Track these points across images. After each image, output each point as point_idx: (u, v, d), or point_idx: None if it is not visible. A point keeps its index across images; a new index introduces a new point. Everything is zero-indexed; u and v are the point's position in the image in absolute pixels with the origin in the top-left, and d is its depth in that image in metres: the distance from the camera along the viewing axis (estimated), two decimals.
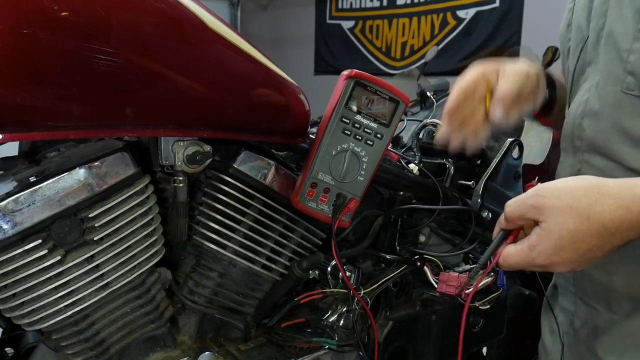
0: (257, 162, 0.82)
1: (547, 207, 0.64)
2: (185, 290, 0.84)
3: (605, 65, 0.77)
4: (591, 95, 0.80)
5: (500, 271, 1.03)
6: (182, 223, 0.79)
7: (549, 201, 0.65)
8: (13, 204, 0.63)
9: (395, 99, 0.80)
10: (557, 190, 0.65)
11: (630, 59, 0.72)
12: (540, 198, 0.65)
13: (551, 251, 0.65)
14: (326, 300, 0.94)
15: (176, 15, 0.66)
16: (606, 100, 0.77)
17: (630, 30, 0.72)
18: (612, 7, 0.75)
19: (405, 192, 0.98)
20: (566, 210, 0.63)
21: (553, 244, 0.64)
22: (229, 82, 0.72)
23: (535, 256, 0.66)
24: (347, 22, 5.70)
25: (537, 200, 0.66)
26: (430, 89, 1.66)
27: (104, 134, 0.68)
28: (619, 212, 0.62)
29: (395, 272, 0.95)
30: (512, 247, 0.69)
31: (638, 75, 0.72)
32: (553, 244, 0.64)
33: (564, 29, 0.90)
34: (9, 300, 0.67)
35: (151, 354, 0.80)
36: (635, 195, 0.62)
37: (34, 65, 0.56)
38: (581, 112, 0.81)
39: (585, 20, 0.82)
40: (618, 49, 0.74)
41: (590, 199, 0.63)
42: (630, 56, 0.72)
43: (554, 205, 0.64)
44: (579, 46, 0.84)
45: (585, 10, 0.82)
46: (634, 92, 0.72)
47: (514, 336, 1.23)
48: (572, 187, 0.65)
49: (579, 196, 0.64)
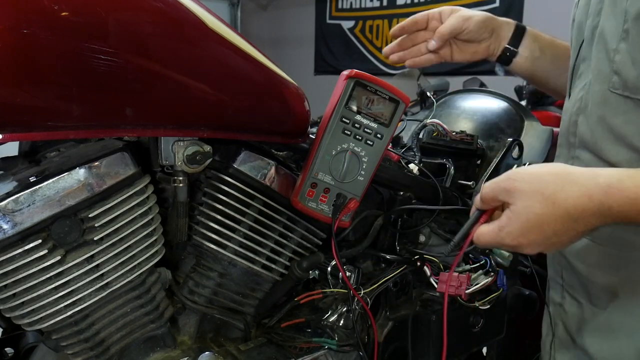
0: (257, 162, 0.82)
1: (517, 190, 0.67)
2: (185, 290, 0.84)
3: (595, 64, 0.79)
4: (585, 93, 0.82)
5: (500, 271, 1.03)
6: (182, 223, 0.79)
7: (519, 185, 0.67)
8: (13, 204, 0.63)
9: (395, 99, 0.80)
10: (528, 175, 0.68)
11: (616, 59, 0.74)
12: (512, 181, 0.68)
13: (518, 232, 0.67)
14: (326, 300, 0.94)
15: (176, 15, 0.66)
16: (595, 98, 0.79)
17: (618, 30, 0.74)
18: (605, 6, 0.77)
19: (405, 192, 0.98)
20: (534, 195, 0.66)
21: (520, 225, 0.67)
22: (228, 82, 0.72)
23: (504, 236, 0.68)
24: (347, 22, 5.70)
25: (509, 184, 0.68)
26: (430, 89, 1.67)
27: (104, 134, 0.68)
28: (582, 200, 0.65)
29: (395, 272, 0.95)
30: (485, 226, 0.71)
31: (622, 75, 0.74)
32: (520, 225, 0.67)
33: (570, 23, 0.92)
34: (9, 300, 0.67)
35: (151, 354, 0.80)
36: (598, 185, 0.65)
37: (34, 65, 0.56)
38: (577, 110, 0.84)
39: (584, 17, 0.84)
40: (607, 48, 0.76)
41: (557, 185, 0.66)
42: (616, 56, 0.74)
43: (522, 189, 0.67)
44: (578, 43, 0.86)
45: (585, 7, 0.84)
46: (618, 90, 0.75)
47: (514, 336, 1.23)
48: (542, 173, 0.68)
49: (547, 182, 0.66)
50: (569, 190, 0.65)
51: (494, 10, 4.42)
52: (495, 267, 1.04)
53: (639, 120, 0.74)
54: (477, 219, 0.73)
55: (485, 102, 1.37)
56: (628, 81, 0.73)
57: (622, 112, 0.75)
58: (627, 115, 0.75)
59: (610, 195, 0.64)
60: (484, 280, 1.00)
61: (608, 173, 0.66)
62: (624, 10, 0.72)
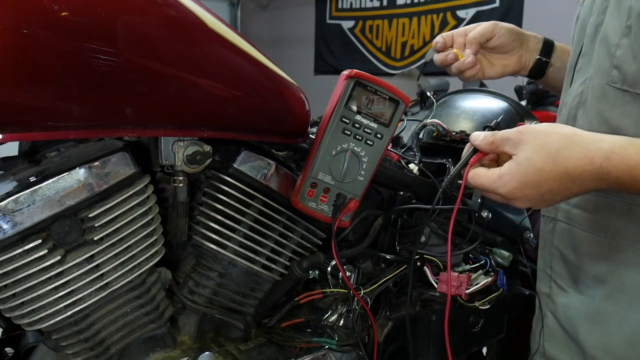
0: (257, 162, 0.82)
1: (523, 142, 0.69)
2: (185, 290, 0.84)
3: (597, 59, 0.81)
4: (585, 88, 0.84)
5: (500, 271, 1.04)
6: (182, 223, 0.79)
7: (526, 137, 0.70)
8: (13, 204, 0.63)
9: (395, 99, 0.80)
10: (536, 131, 0.70)
11: (617, 54, 0.76)
12: (521, 134, 0.70)
13: (515, 184, 0.69)
14: (326, 300, 0.94)
15: (176, 15, 0.66)
16: (595, 92, 0.81)
17: (621, 26, 0.76)
18: (611, 5, 0.79)
19: (405, 192, 0.98)
20: (537, 149, 0.68)
21: (519, 177, 0.69)
22: (229, 82, 0.72)
23: (500, 185, 0.71)
24: (347, 22, 5.70)
25: (517, 136, 0.70)
26: (430, 89, 1.67)
27: (104, 134, 0.68)
28: (583, 162, 0.67)
29: (395, 272, 0.95)
30: (483, 170, 0.74)
31: (622, 69, 0.76)
32: (519, 177, 0.69)
33: (574, 21, 0.94)
34: (9, 300, 0.67)
35: (151, 354, 0.80)
36: (600, 149, 0.67)
37: (34, 65, 0.56)
38: (576, 104, 0.86)
39: (588, 13, 0.86)
40: (609, 44, 0.78)
41: (561, 144, 0.68)
42: (618, 51, 0.76)
43: (528, 142, 0.69)
44: (580, 40, 0.88)
45: (590, 5, 0.86)
46: (617, 84, 0.77)
47: (514, 336, 1.23)
48: (550, 131, 0.70)
49: (552, 140, 0.69)
50: (571, 151, 0.67)
51: (494, 10, 4.43)
52: (495, 267, 1.04)
53: (635, 113, 0.76)
54: (471, 157, 0.76)
55: (485, 102, 1.37)
56: (627, 75, 0.75)
57: (619, 105, 0.77)
58: (624, 108, 0.77)
59: (611, 161, 0.66)
60: (484, 280, 1.00)
61: (612, 139, 0.68)
62: (629, 7, 0.75)
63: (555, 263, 0.92)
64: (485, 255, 1.06)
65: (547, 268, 0.94)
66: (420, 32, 4.99)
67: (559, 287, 0.90)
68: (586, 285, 0.85)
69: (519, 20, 4.29)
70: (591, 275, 0.84)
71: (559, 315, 0.90)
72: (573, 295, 0.87)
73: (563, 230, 0.90)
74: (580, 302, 0.85)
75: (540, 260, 0.98)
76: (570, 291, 0.88)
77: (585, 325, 0.84)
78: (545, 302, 0.94)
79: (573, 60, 0.91)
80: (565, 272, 0.89)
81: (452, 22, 4.72)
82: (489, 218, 1.09)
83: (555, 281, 0.91)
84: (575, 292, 0.86)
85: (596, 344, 0.82)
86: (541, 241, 0.97)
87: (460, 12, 4.67)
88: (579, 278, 0.86)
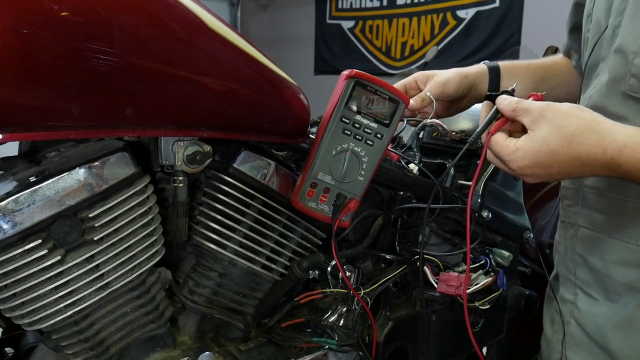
0: (257, 162, 0.82)
1: (542, 119, 0.70)
2: (185, 290, 0.84)
3: (613, 65, 0.78)
4: (596, 93, 0.81)
5: (500, 271, 1.03)
6: (182, 223, 0.79)
7: (546, 115, 0.70)
8: (13, 204, 0.63)
9: (395, 99, 0.80)
10: (557, 111, 0.70)
11: (636, 62, 0.74)
12: (542, 111, 0.70)
13: (527, 162, 0.71)
14: (326, 300, 0.94)
15: (176, 15, 0.66)
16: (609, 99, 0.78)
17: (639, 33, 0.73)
18: (630, 6, 0.76)
19: (405, 192, 0.98)
20: (554, 129, 0.69)
21: (531, 156, 0.70)
22: (229, 82, 0.72)
23: (513, 159, 0.72)
24: (347, 22, 5.70)
25: (539, 111, 0.70)
26: None
27: (104, 134, 0.67)
28: (596, 150, 0.67)
29: (395, 272, 0.95)
30: (502, 137, 0.74)
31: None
32: (531, 156, 0.70)
33: (585, 18, 0.91)
34: (9, 300, 0.67)
35: (151, 354, 0.80)
36: (615, 141, 0.67)
37: (34, 65, 0.56)
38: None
39: (605, 14, 0.83)
40: (626, 50, 0.75)
41: (578, 129, 0.68)
42: (636, 59, 0.74)
43: (547, 120, 0.69)
44: (594, 39, 0.85)
45: (605, 4, 0.83)
46: (637, 94, 0.75)
47: (514, 336, 1.23)
48: (570, 113, 0.70)
49: (571, 123, 0.68)
50: (587, 137, 0.67)
51: (493, 10, 4.42)
52: (495, 267, 1.04)
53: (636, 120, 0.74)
54: (494, 118, 0.77)
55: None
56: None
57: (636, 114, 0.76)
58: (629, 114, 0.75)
59: (623, 154, 0.66)
60: (484, 280, 1.00)
61: (628, 132, 0.68)
62: None
63: (579, 270, 0.88)
64: (485, 255, 1.06)
65: (570, 275, 0.91)
66: (420, 32, 4.98)
67: (586, 294, 0.87)
68: (617, 293, 0.81)
69: (519, 20, 4.29)
70: (622, 283, 0.80)
71: (584, 323, 0.86)
72: (603, 304, 0.83)
73: (586, 236, 0.86)
74: (610, 311, 0.82)
75: (561, 266, 0.95)
76: (600, 299, 0.84)
77: (617, 334, 0.81)
78: (569, 309, 0.90)
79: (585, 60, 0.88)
80: (592, 279, 0.86)
81: (452, 22, 4.71)
82: (489, 218, 1.09)
83: (581, 288, 0.88)
84: (606, 300, 0.83)
85: (629, 353, 0.80)
86: (561, 247, 0.94)
87: (460, 12, 4.66)
88: (608, 286, 0.83)
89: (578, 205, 0.88)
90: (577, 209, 0.88)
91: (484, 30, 4.48)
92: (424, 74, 1.03)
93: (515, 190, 1.26)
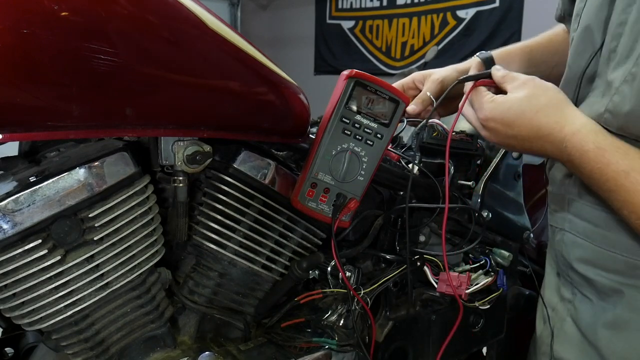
0: (257, 162, 0.82)
1: (523, 86, 0.76)
2: (185, 290, 0.84)
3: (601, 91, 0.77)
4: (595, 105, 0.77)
5: (500, 271, 1.04)
6: (182, 223, 0.79)
7: (529, 84, 0.76)
8: (13, 204, 0.63)
9: (395, 99, 0.80)
10: (540, 83, 0.76)
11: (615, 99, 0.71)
12: (527, 80, 0.76)
13: (495, 114, 0.76)
14: (326, 300, 0.94)
15: (176, 15, 0.66)
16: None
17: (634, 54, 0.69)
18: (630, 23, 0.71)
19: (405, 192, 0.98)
20: (529, 96, 0.74)
21: (501, 110, 0.76)
22: (229, 82, 0.72)
23: (485, 107, 0.78)
24: (347, 22, 5.70)
25: (524, 80, 0.77)
26: None
27: (104, 134, 0.68)
28: (554, 126, 0.72)
29: (395, 272, 0.95)
30: (485, 90, 0.80)
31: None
32: (501, 110, 0.76)
33: (573, 17, 0.88)
34: (9, 300, 0.67)
35: (151, 354, 0.80)
36: (573, 124, 0.71)
37: (34, 65, 0.56)
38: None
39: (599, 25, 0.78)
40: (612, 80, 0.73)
41: (550, 103, 0.73)
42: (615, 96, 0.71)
43: (527, 87, 0.75)
44: (587, 50, 0.81)
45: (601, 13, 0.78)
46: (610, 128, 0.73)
47: (514, 336, 1.23)
48: (549, 88, 0.76)
49: (546, 96, 0.74)
50: (553, 112, 0.73)
51: (493, 11, 4.42)
52: (495, 267, 1.04)
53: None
54: (484, 77, 0.82)
55: None
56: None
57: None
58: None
59: (572, 137, 0.71)
60: (484, 280, 1.00)
61: (588, 122, 0.72)
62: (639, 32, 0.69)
63: (572, 273, 0.89)
64: (485, 255, 1.06)
65: (566, 276, 0.92)
66: (420, 32, 4.98)
67: (582, 294, 0.88)
68: (606, 294, 0.83)
69: (519, 20, 4.28)
70: (608, 287, 0.81)
71: (580, 321, 0.88)
72: (597, 304, 0.85)
73: (572, 241, 0.87)
74: (602, 310, 0.83)
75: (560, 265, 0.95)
76: (593, 299, 0.85)
77: (606, 332, 0.82)
78: (567, 308, 0.92)
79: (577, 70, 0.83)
80: (583, 281, 0.87)
81: (452, 22, 4.71)
82: (489, 218, 1.09)
83: (578, 289, 0.89)
84: (599, 300, 0.84)
85: (616, 351, 0.81)
86: (552, 250, 0.95)
87: (460, 12, 4.66)
88: (596, 288, 0.84)
89: (564, 211, 0.89)
90: (563, 214, 0.89)
91: (484, 30, 4.48)
92: (422, 74, 1.05)
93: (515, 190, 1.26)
